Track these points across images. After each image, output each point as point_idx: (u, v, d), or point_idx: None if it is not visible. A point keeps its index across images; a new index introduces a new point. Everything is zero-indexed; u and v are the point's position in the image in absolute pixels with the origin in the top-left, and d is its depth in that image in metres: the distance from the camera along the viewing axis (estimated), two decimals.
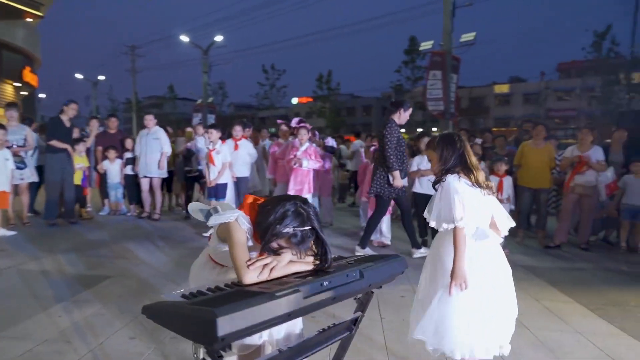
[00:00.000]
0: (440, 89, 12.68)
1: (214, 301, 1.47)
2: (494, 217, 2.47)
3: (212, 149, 6.20)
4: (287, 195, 1.89)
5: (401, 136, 5.38)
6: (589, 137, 6.31)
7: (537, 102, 41.94)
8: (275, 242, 1.83)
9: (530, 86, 45.16)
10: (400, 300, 3.86)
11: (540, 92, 42.04)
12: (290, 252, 1.85)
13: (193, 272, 2.18)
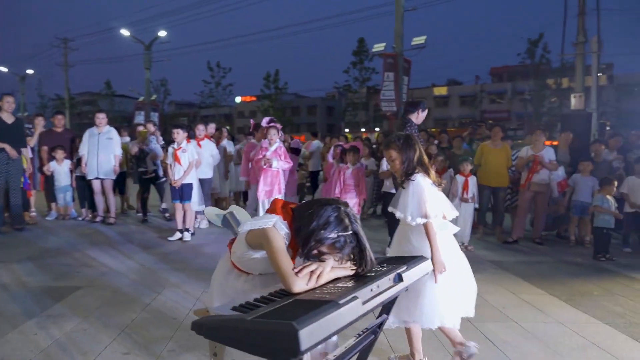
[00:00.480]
0: (393, 90, 12.99)
1: (282, 313, 1.38)
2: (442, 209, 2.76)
3: (178, 147, 5.93)
4: (327, 199, 1.83)
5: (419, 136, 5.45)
6: (542, 138, 6.72)
7: (472, 104, 44.17)
8: (316, 248, 1.77)
9: (466, 89, 47.45)
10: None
11: (475, 94, 44.36)
12: (332, 257, 1.80)
13: (217, 281, 2.05)
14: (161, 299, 3.71)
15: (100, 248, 5.50)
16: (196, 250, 5.55)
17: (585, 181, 6.57)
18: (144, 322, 3.21)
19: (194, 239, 6.16)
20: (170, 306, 3.55)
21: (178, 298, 3.75)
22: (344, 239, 1.75)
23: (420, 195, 2.59)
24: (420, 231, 2.61)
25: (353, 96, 34.47)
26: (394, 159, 2.69)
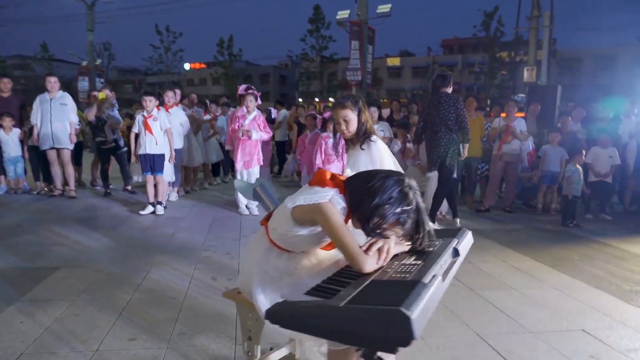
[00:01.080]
0: (358, 59, 12.83)
1: (374, 297, 1.25)
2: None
3: (149, 115, 5.50)
4: (388, 171, 1.68)
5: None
6: (515, 109, 6.87)
7: (425, 75, 44.85)
8: (380, 225, 1.63)
9: (418, 60, 48.03)
10: None
11: (428, 66, 44.99)
12: (393, 233, 1.67)
13: (254, 262, 1.86)
14: (152, 278, 3.46)
15: (67, 224, 5.07)
16: (173, 224, 5.25)
17: (554, 151, 6.81)
18: (141, 304, 2.97)
19: (167, 212, 5.83)
20: (164, 285, 3.32)
21: (170, 276, 3.50)
22: (407, 214, 1.62)
23: (383, 158, 2.70)
24: None
25: (310, 65, 33.92)
26: (349, 119, 2.72)
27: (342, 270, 1.57)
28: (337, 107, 2.77)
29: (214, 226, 5.22)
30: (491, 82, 27.11)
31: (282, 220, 1.77)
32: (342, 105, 2.72)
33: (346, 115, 2.70)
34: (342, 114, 2.72)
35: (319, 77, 38.35)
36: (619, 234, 5.53)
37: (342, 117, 2.72)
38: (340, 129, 2.78)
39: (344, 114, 2.71)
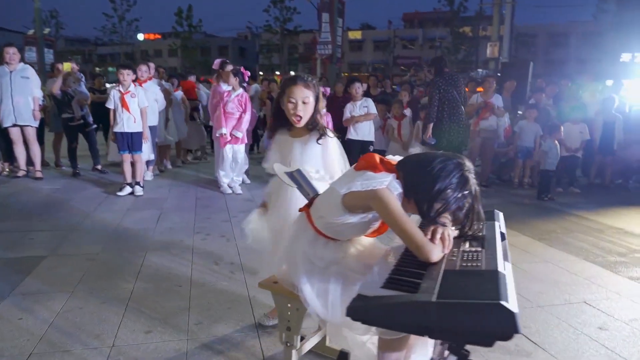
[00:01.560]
0: (329, 32, 12.60)
1: (461, 290, 1.20)
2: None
3: (126, 91, 5.17)
4: (445, 154, 1.62)
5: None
6: (493, 86, 6.97)
7: (386, 49, 44.86)
8: (441, 211, 1.58)
9: (380, 33, 47.90)
10: None
11: (389, 39, 44.99)
12: (448, 219, 1.63)
13: (299, 252, 1.77)
14: (150, 265, 3.30)
15: (40, 208, 4.76)
16: (157, 206, 5.03)
17: (530, 127, 6.99)
18: (146, 294, 2.83)
19: (146, 193, 5.58)
20: (165, 272, 3.17)
21: (169, 263, 3.36)
22: (466, 199, 1.58)
23: (337, 157, 2.28)
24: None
25: (273, 37, 33.10)
26: (309, 102, 2.17)
27: (405, 259, 1.51)
28: (300, 83, 2.16)
29: (200, 207, 5.05)
30: (454, 57, 27.48)
31: (330, 208, 1.69)
32: (305, 83, 2.17)
33: (307, 97, 2.16)
34: (304, 93, 2.16)
35: (280, 50, 37.58)
36: (590, 207, 5.78)
37: (302, 97, 2.15)
38: (295, 111, 2.16)
39: (306, 93, 2.16)
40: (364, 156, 1.73)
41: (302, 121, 2.20)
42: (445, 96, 5.62)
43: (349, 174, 1.73)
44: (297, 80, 2.20)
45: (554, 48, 41.31)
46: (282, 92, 2.23)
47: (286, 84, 2.25)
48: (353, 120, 6.00)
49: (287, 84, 2.23)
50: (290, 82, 2.23)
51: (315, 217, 1.78)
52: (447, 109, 5.63)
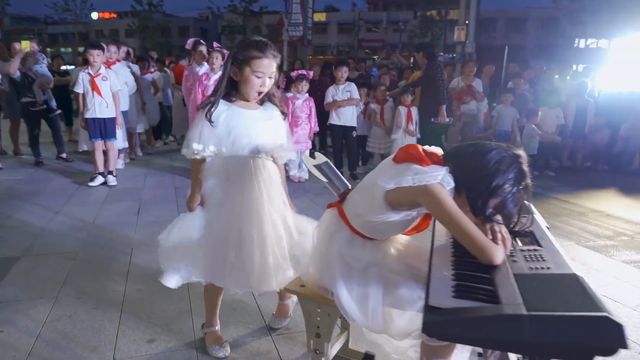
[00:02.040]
0: (300, 14, 12.27)
1: (550, 299, 1.08)
2: None
3: (97, 74, 4.77)
4: (497, 145, 1.49)
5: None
6: (474, 70, 6.95)
7: (351, 32, 44.54)
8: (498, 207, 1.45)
9: (344, 16, 47.48)
10: None
11: (353, 22, 44.66)
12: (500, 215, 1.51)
13: (334, 254, 1.60)
14: (139, 263, 3.05)
15: (3, 202, 4.35)
16: (134, 197, 4.72)
17: (507, 111, 7.03)
18: (140, 296, 2.59)
19: (120, 182, 5.23)
20: (157, 271, 2.91)
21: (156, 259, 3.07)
22: (522, 195, 1.46)
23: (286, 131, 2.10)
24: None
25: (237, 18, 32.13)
26: (273, 76, 1.93)
27: (462, 262, 1.38)
28: (270, 55, 1.86)
29: (180, 197, 4.77)
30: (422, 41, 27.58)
31: (370, 205, 1.54)
32: (274, 56, 1.89)
33: (274, 72, 1.91)
34: (272, 67, 1.88)
35: (243, 31, 36.62)
36: (567, 190, 5.89)
37: (270, 71, 1.88)
38: (261, 85, 1.88)
39: (274, 67, 1.89)
40: (405, 147, 1.57)
41: (259, 97, 1.94)
42: (444, 78, 5.69)
43: (389, 167, 1.57)
44: (267, 51, 1.84)
45: (513, 33, 42.23)
46: (244, 61, 1.84)
47: (250, 53, 1.83)
48: (335, 105, 5.82)
49: (253, 54, 1.83)
50: (257, 51, 1.83)
51: (351, 215, 1.62)
52: (447, 91, 5.72)
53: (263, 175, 1.95)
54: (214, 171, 1.96)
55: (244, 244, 1.90)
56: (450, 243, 1.57)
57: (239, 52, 1.85)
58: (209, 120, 1.85)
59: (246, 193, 1.91)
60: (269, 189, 1.98)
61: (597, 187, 6.11)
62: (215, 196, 1.96)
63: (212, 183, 1.96)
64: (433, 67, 5.69)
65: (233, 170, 1.92)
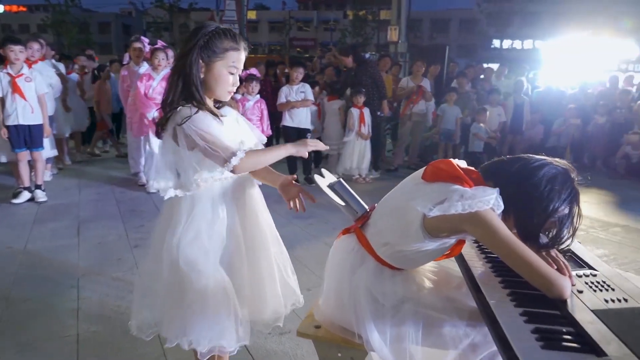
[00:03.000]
0: (234, 10, 11.82)
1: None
2: None
3: (18, 74, 4.13)
4: (544, 159, 1.32)
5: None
6: (422, 69, 6.97)
7: (282, 30, 44.20)
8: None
9: (275, 14, 47.06)
10: None
11: (284, 21, 44.34)
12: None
13: (363, 288, 1.36)
14: (90, 297, 2.61)
15: None
16: (71, 214, 4.15)
17: (451, 110, 7.15)
18: (99, 339, 2.19)
19: (51, 197, 4.60)
20: (112, 305, 2.52)
21: (114, 291, 2.69)
22: (575, 216, 1.30)
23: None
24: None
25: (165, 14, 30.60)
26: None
27: (522, 296, 1.19)
28: (243, 48, 1.53)
29: (125, 212, 4.28)
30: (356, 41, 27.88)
31: (404, 232, 1.32)
32: (246, 49, 1.56)
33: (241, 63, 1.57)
34: (243, 57, 1.55)
35: (170, 28, 35.06)
36: None
37: (241, 66, 1.56)
38: (233, 82, 1.55)
39: (240, 58, 1.54)
40: (437, 163, 1.37)
41: (231, 94, 1.60)
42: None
43: (422, 187, 1.36)
44: (241, 43, 1.51)
45: (437, 33, 44.10)
46: (215, 54, 1.47)
47: (224, 44, 1.47)
48: (289, 106, 5.56)
49: (229, 45, 1.48)
50: (232, 42, 1.49)
51: (377, 244, 1.39)
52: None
53: (252, 191, 1.67)
54: (198, 203, 1.53)
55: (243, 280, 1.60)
56: (490, 269, 1.39)
57: (209, 43, 1.47)
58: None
59: (241, 219, 1.61)
60: (259, 205, 1.70)
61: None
62: (202, 237, 1.51)
63: (198, 220, 1.52)
64: (370, 66, 6.04)
65: (228, 194, 1.59)
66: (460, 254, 1.49)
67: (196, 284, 1.49)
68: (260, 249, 1.63)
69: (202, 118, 1.45)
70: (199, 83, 1.48)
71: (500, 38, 38.97)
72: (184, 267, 1.49)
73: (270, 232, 1.68)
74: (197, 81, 1.47)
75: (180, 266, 1.49)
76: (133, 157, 5.35)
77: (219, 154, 1.42)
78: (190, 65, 1.46)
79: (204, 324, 1.49)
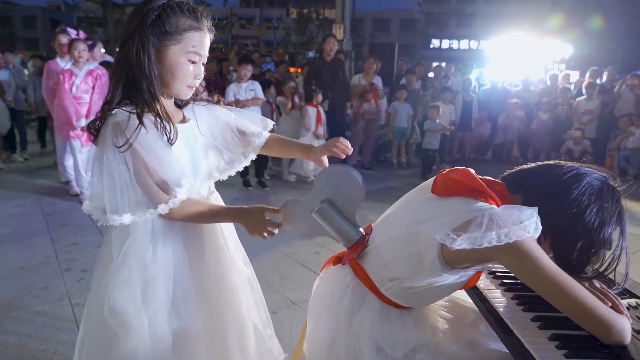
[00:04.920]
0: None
1: None
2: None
3: None
4: (572, 166, 1.09)
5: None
6: (374, 67, 6.81)
7: (224, 28, 43.13)
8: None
9: (216, 11, 45.81)
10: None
11: (227, 18, 43.28)
12: None
13: (367, 337, 1.07)
14: (11, 341, 2.13)
15: None
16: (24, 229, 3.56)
17: (402, 108, 7.08)
18: None
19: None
20: (39, 348, 2.07)
21: (42, 330, 2.23)
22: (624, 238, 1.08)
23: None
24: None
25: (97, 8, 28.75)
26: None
27: (563, 335, 0.96)
28: (207, 29, 1.20)
29: (54, 228, 3.73)
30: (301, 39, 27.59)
31: (416, 265, 1.04)
32: (210, 30, 1.23)
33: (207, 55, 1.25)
34: (207, 40, 1.22)
35: (104, 23, 33.11)
36: None
37: (206, 52, 1.22)
38: (197, 74, 1.20)
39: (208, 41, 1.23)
40: (449, 173, 1.11)
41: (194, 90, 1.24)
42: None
43: (434, 204, 1.09)
44: (203, 21, 1.18)
45: (378, 32, 44.83)
46: (168, 36, 1.12)
47: (181, 22, 1.13)
48: (239, 105, 5.18)
49: (187, 23, 1.14)
50: (191, 20, 1.15)
51: (382, 279, 1.10)
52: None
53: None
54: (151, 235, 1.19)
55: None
56: (512, 299, 1.15)
57: (160, 21, 1.11)
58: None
59: (209, 250, 1.28)
60: (225, 236, 1.38)
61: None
62: (135, 281, 1.17)
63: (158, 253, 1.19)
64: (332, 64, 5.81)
65: (176, 224, 1.23)
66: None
67: (123, 344, 1.14)
68: (226, 300, 1.30)
69: (140, 135, 1.09)
70: (153, 76, 1.12)
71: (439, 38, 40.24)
72: (109, 318, 1.14)
73: (241, 278, 1.36)
74: (151, 73, 1.11)
75: (105, 316, 1.14)
76: (62, 164, 4.75)
77: (148, 193, 1.11)
78: (136, 52, 1.10)
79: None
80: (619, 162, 6.69)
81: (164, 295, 1.19)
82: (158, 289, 1.18)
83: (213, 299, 1.27)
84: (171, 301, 1.20)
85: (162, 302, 1.18)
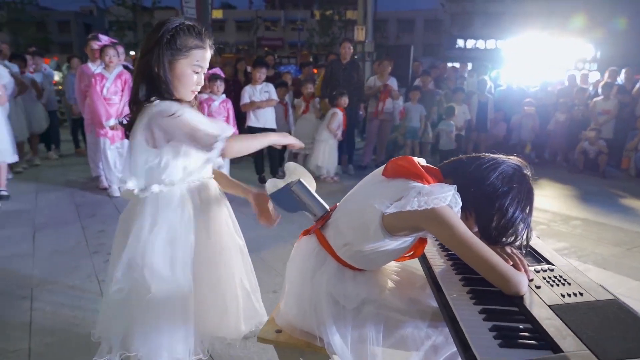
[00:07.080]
0: (194, 8, 11.58)
1: (616, 341, 0.93)
2: None
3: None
4: (494, 157, 1.32)
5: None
6: (389, 69, 7.02)
7: (249, 30, 43.83)
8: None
9: (242, 13, 46.63)
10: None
11: (252, 20, 43.99)
12: None
13: (324, 292, 1.33)
14: (45, 309, 2.47)
15: None
16: (26, 220, 3.95)
17: (415, 108, 7.24)
18: (53, 352, 2.07)
19: (5, 203, 4.38)
20: (70, 317, 2.40)
21: (71, 301, 2.56)
22: (532, 214, 1.32)
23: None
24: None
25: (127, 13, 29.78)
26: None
27: (479, 292, 1.19)
28: (209, 47, 1.50)
29: (85, 218, 4.11)
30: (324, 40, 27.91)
31: (363, 232, 1.30)
32: (211, 47, 1.52)
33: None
34: (208, 55, 1.52)
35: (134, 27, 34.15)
36: None
37: (207, 65, 1.53)
38: (197, 82, 1.51)
39: (208, 56, 1.53)
40: (397, 159, 1.36)
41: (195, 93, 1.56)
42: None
43: (381, 184, 1.34)
44: (207, 40, 1.48)
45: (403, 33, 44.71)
46: (179, 52, 1.43)
47: (189, 42, 1.44)
48: (254, 106, 5.49)
49: (193, 42, 1.44)
50: (197, 40, 1.45)
51: (337, 245, 1.36)
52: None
53: (220, 198, 1.67)
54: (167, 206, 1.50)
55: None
56: (451, 266, 1.39)
57: (173, 40, 1.42)
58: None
59: (206, 227, 1.58)
60: (227, 216, 1.69)
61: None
62: (168, 244, 1.50)
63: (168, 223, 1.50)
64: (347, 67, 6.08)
65: (195, 198, 1.56)
66: (424, 253, 1.49)
67: (156, 294, 1.45)
68: (224, 263, 1.62)
69: (180, 108, 1.43)
70: (167, 81, 1.45)
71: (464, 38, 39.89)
72: (148, 276, 1.45)
73: (235, 248, 1.67)
74: (166, 79, 1.44)
75: (145, 275, 1.45)
76: (93, 160, 5.16)
77: (203, 139, 1.41)
78: (157, 64, 1.43)
79: (159, 335, 1.45)
80: (635, 162, 6.69)
81: (189, 254, 1.51)
82: (184, 249, 1.50)
83: (216, 260, 1.59)
84: (194, 258, 1.52)
85: (188, 260, 1.50)
